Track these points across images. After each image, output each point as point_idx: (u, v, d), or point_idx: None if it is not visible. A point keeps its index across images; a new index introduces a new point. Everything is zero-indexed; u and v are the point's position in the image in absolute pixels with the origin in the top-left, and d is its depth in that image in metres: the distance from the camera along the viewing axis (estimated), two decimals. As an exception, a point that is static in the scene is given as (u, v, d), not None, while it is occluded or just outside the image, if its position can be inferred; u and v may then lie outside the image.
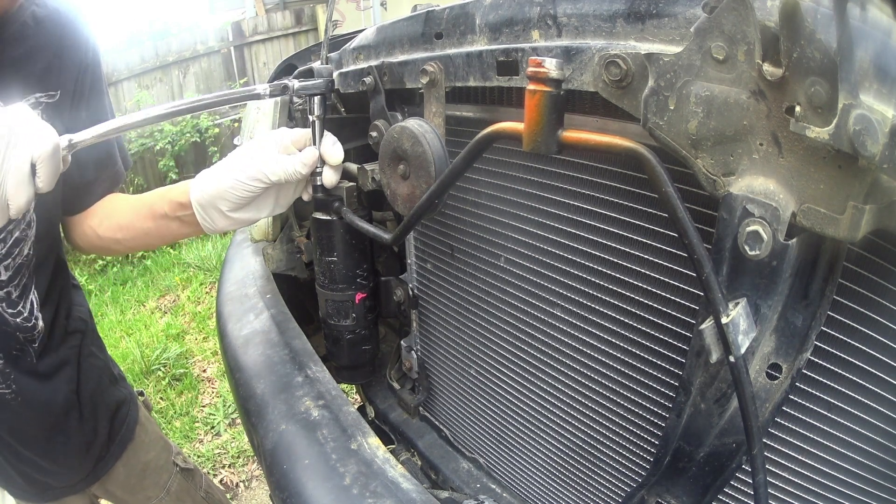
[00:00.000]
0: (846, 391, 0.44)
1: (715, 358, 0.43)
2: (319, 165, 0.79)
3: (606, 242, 0.57)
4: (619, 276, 0.57)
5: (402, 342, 0.99)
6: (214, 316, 1.08)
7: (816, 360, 0.44)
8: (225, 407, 2.45)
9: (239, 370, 0.85)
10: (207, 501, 1.21)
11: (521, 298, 0.70)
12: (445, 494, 0.82)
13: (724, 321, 0.40)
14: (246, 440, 2.20)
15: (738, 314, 0.41)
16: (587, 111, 0.55)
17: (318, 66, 0.89)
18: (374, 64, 0.76)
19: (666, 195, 0.41)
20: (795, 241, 0.39)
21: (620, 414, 0.62)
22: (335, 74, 0.83)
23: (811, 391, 0.45)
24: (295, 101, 1.03)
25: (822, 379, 0.45)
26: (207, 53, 5.97)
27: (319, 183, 0.80)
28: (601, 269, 0.59)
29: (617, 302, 0.58)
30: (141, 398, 1.14)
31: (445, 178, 0.59)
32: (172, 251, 4.19)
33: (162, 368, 2.76)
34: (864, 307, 0.42)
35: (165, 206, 0.79)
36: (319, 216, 0.83)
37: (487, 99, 0.67)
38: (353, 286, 0.87)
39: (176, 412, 2.46)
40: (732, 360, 0.41)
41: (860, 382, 0.43)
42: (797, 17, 0.33)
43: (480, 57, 0.59)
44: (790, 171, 0.38)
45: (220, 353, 1.31)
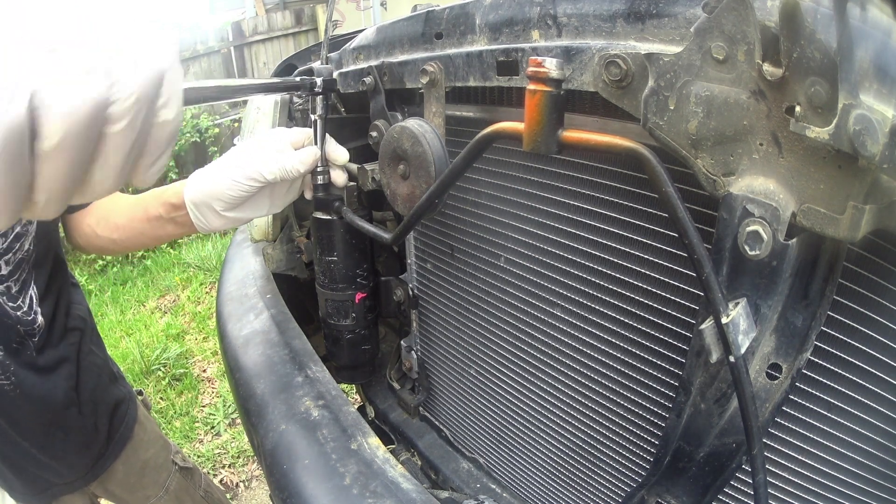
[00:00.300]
0: (846, 391, 0.44)
1: (715, 358, 0.43)
2: (322, 165, 0.79)
3: (606, 242, 0.57)
4: (619, 276, 0.57)
5: (402, 342, 0.99)
6: (214, 316, 1.08)
7: (816, 360, 0.44)
8: (225, 407, 2.45)
9: (239, 370, 0.85)
10: (207, 500, 1.21)
11: (521, 298, 0.70)
12: (445, 494, 0.82)
13: (724, 321, 0.40)
14: (246, 440, 2.20)
15: (738, 314, 0.41)
16: (587, 111, 0.55)
17: (318, 66, 0.89)
18: (374, 64, 0.76)
19: (666, 195, 0.41)
20: (795, 241, 0.39)
21: (620, 414, 0.62)
22: (335, 74, 0.83)
23: (811, 391, 0.45)
24: (295, 101, 1.03)
25: (822, 379, 0.45)
26: (207, 53, 5.97)
27: (321, 182, 0.79)
28: (601, 269, 0.59)
29: (617, 302, 0.58)
30: (140, 397, 1.14)
31: (445, 178, 0.59)
32: (172, 251, 4.19)
33: (162, 368, 2.76)
34: (864, 307, 0.42)
35: (160, 208, 0.80)
36: (319, 216, 0.83)
37: (487, 99, 0.67)
38: (353, 286, 0.87)
39: (176, 412, 2.46)
40: (732, 360, 0.41)
41: (860, 382, 0.43)
42: (797, 17, 0.33)
43: (480, 57, 0.59)
44: (790, 171, 0.38)
45: (220, 353, 1.31)
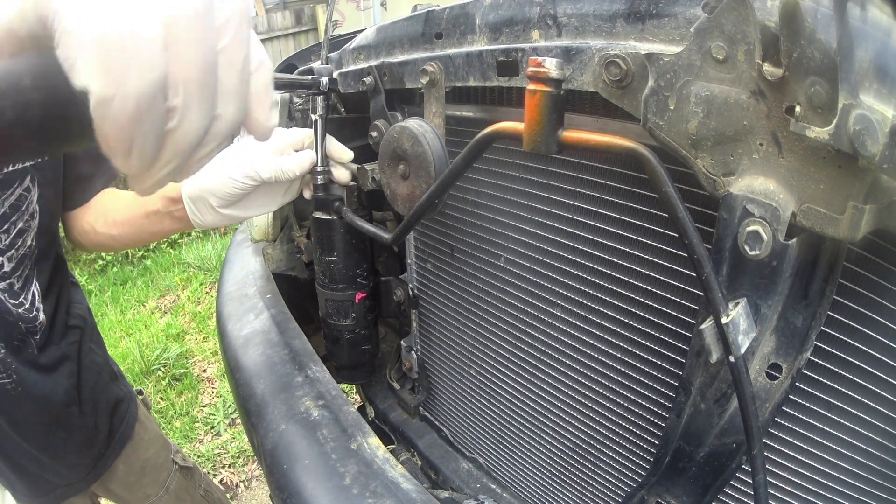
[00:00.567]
0: (846, 391, 0.44)
1: (715, 358, 0.43)
2: (322, 165, 0.79)
3: (606, 242, 0.57)
4: (619, 276, 0.57)
5: (402, 342, 0.99)
6: (214, 316, 1.08)
7: (816, 360, 0.44)
8: (225, 407, 2.45)
9: (239, 370, 0.85)
10: (207, 500, 1.21)
11: (521, 298, 0.70)
12: (445, 494, 0.82)
13: (724, 321, 0.40)
14: (246, 440, 2.20)
15: (738, 314, 0.41)
16: (587, 111, 0.55)
17: (318, 66, 0.89)
18: (374, 64, 0.76)
19: (666, 195, 0.41)
20: (795, 241, 0.39)
21: (620, 414, 0.62)
22: (335, 74, 0.83)
23: (811, 391, 0.45)
24: (295, 100, 1.03)
25: (822, 379, 0.45)
26: (207, 53, 5.96)
27: (320, 182, 0.80)
28: (601, 269, 0.59)
29: (617, 302, 0.58)
30: (140, 397, 1.14)
31: (445, 178, 0.59)
32: (172, 251, 4.18)
33: (162, 368, 2.76)
34: (864, 307, 0.42)
35: (158, 202, 0.81)
36: (319, 216, 0.83)
37: (487, 99, 0.67)
38: (352, 286, 0.87)
39: (176, 412, 2.46)
40: (732, 360, 0.41)
41: (860, 382, 0.43)
42: (797, 17, 0.33)
43: (480, 57, 0.59)
44: (790, 171, 0.38)
45: (220, 353, 1.31)
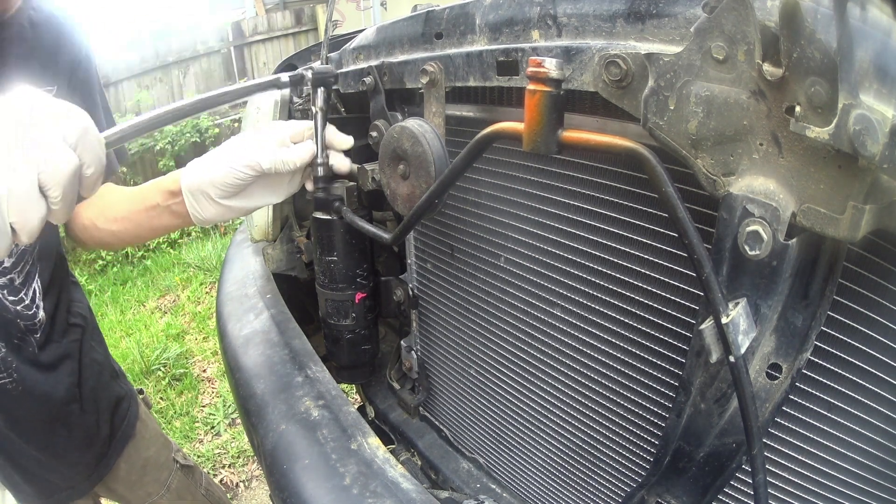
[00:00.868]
0: (846, 391, 0.44)
1: (715, 358, 0.43)
2: (323, 157, 0.78)
3: (606, 242, 0.57)
4: (619, 276, 0.57)
5: (402, 342, 0.99)
6: (214, 316, 1.08)
7: (816, 360, 0.44)
8: (225, 407, 2.45)
9: (239, 370, 0.85)
10: (208, 499, 1.22)
11: (521, 298, 0.70)
12: (445, 494, 0.82)
13: (724, 321, 0.40)
14: (246, 440, 2.20)
15: (738, 314, 0.41)
16: (587, 111, 0.55)
17: (318, 66, 0.89)
18: (374, 64, 0.76)
19: (666, 195, 0.41)
20: (795, 241, 0.39)
21: (620, 414, 0.62)
22: (336, 70, 0.83)
23: (811, 391, 0.45)
24: (295, 100, 1.03)
25: (822, 379, 0.45)
26: (207, 53, 5.97)
27: (321, 174, 0.79)
28: (601, 269, 0.59)
29: (617, 302, 0.58)
30: (140, 396, 1.15)
31: (445, 178, 0.59)
32: (172, 251, 4.18)
33: (162, 368, 2.76)
34: (864, 307, 0.42)
35: (158, 196, 0.79)
36: (319, 216, 0.83)
37: (487, 99, 0.67)
38: (352, 286, 0.87)
39: (176, 412, 2.46)
40: (732, 360, 0.41)
41: (860, 382, 0.43)
42: (797, 17, 0.33)
43: (480, 57, 0.59)
44: (790, 171, 0.38)
45: (220, 353, 1.31)
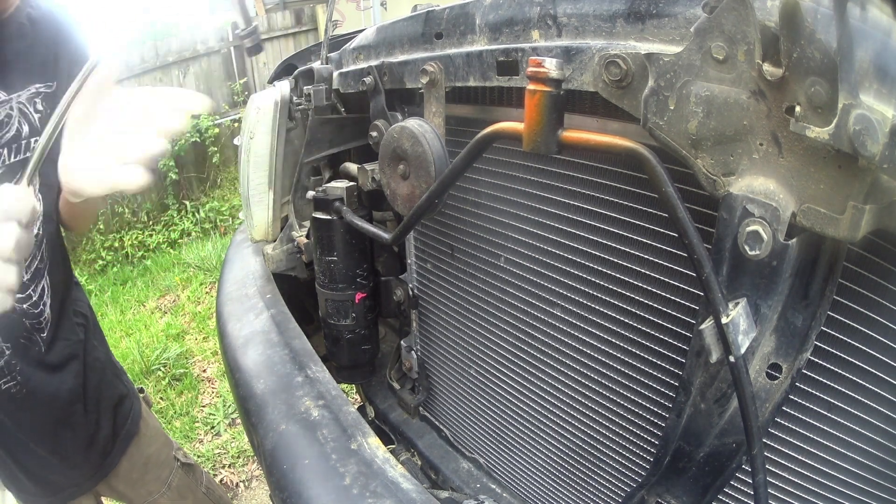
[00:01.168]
0: (846, 391, 0.44)
1: (715, 358, 0.43)
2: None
3: (606, 242, 0.57)
4: (619, 276, 0.57)
5: (402, 342, 0.99)
6: (214, 316, 1.08)
7: (816, 360, 0.44)
8: (225, 407, 2.45)
9: (239, 370, 0.85)
10: (209, 497, 1.22)
11: (520, 298, 0.70)
12: (445, 494, 0.82)
13: (724, 321, 0.40)
14: (246, 440, 2.20)
15: (738, 314, 0.41)
16: (587, 111, 0.55)
17: (318, 65, 0.89)
18: (374, 64, 0.76)
19: (666, 195, 0.41)
20: (795, 241, 0.39)
21: (620, 414, 0.62)
22: (335, 74, 0.83)
23: (811, 391, 0.45)
24: (295, 100, 1.03)
25: (822, 379, 0.45)
26: (207, 53, 5.97)
27: None
28: (601, 269, 0.59)
29: (617, 302, 0.58)
30: (141, 395, 1.15)
31: (445, 178, 0.59)
32: (172, 251, 4.19)
33: (162, 368, 2.76)
34: (864, 307, 0.42)
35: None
36: (319, 216, 0.83)
37: (487, 99, 0.67)
38: (352, 286, 0.87)
39: (176, 412, 2.46)
40: (732, 360, 0.41)
41: (860, 382, 0.43)
42: (797, 17, 0.32)
43: (480, 57, 0.59)
44: (790, 171, 0.38)
45: (220, 353, 1.31)
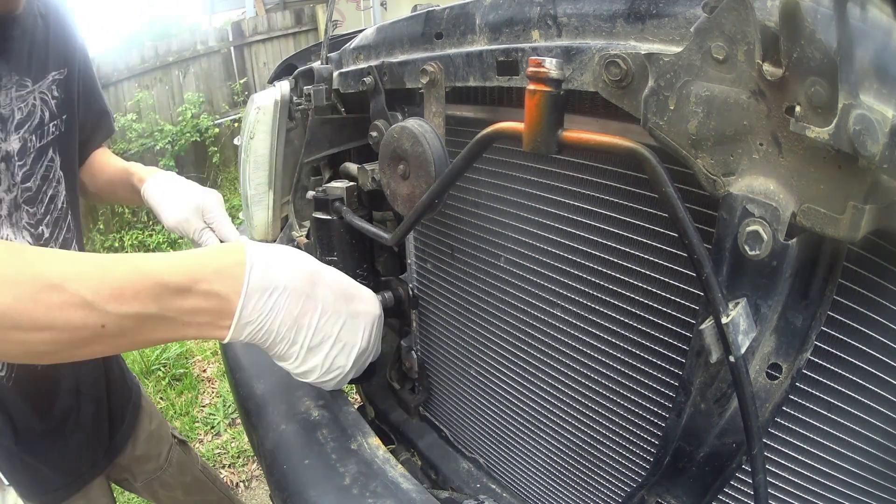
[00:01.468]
0: (846, 391, 0.44)
1: (715, 358, 0.43)
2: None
3: (606, 242, 0.57)
4: (619, 276, 0.57)
5: (402, 342, 0.99)
6: (214, 316, 1.08)
7: (816, 360, 0.44)
8: (225, 407, 2.45)
9: (239, 370, 0.85)
10: (205, 475, 1.28)
11: (521, 298, 0.70)
12: (445, 494, 0.82)
13: (724, 321, 0.40)
14: (246, 440, 2.20)
15: (738, 314, 0.41)
16: (587, 111, 0.55)
17: (318, 66, 0.89)
18: (374, 64, 0.76)
19: (666, 195, 0.41)
20: (795, 241, 0.39)
21: (620, 414, 0.62)
22: (335, 74, 0.83)
23: (811, 391, 0.45)
24: (295, 100, 1.03)
25: (822, 379, 0.45)
26: (207, 53, 5.96)
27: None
28: (601, 269, 0.59)
29: (617, 302, 0.58)
30: None
31: (445, 178, 0.59)
32: (172, 251, 4.18)
33: (162, 368, 2.76)
34: (864, 307, 0.42)
35: (136, 183, 0.99)
36: (319, 216, 0.83)
37: (487, 99, 0.67)
38: (352, 286, 0.87)
39: (176, 412, 2.46)
40: (732, 360, 0.41)
41: (860, 382, 0.43)
42: (797, 17, 0.33)
43: (480, 57, 0.59)
44: (790, 171, 0.38)
45: (219, 353, 1.31)
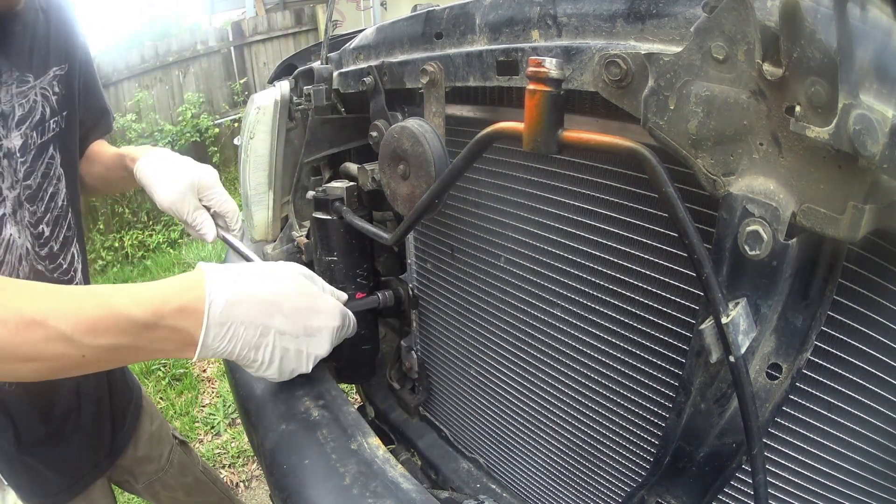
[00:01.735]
0: (846, 391, 0.44)
1: (715, 358, 0.43)
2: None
3: (606, 242, 0.57)
4: (619, 276, 0.57)
5: (402, 342, 0.99)
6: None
7: (816, 360, 0.44)
8: (225, 407, 2.45)
9: (239, 370, 0.85)
10: (206, 476, 1.27)
11: (521, 298, 0.70)
12: (445, 494, 0.82)
13: (724, 321, 0.40)
14: (246, 440, 2.20)
15: (738, 314, 0.41)
16: (587, 111, 0.55)
17: (318, 66, 0.89)
18: (374, 64, 0.76)
19: (666, 195, 0.41)
20: (795, 240, 0.39)
21: (620, 414, 0.62)
22: (335, 74, 0.83)
23: (811, 391, 0.45)
24: (295, 100, 1.03)
25: (822, 379, 0.45)
26: (207, 53, 5.97)
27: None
28: (601, 269, 0.59)
29: (617, 302, 0.58)
30: None
31: (445, 178, 0.59)
32: (172, 251, 4.19)
33: (162, 368, 2.76)
34: (864, 307, 0.42)
35: (128, 163, 0.98)
36: (319, 216, 0.83)
37: (487, 99, 0.67)
38: (353, 286, 0.87)
39: (176, 412, 2.46)
40: (732, 360, 0.41)
41: (860, 382, 0.43)
42: (797, 17, 0.33)
43: (480, 57, 0.59)
44: (790, 170, 0.38)
45: (220, 353, 1.31)
